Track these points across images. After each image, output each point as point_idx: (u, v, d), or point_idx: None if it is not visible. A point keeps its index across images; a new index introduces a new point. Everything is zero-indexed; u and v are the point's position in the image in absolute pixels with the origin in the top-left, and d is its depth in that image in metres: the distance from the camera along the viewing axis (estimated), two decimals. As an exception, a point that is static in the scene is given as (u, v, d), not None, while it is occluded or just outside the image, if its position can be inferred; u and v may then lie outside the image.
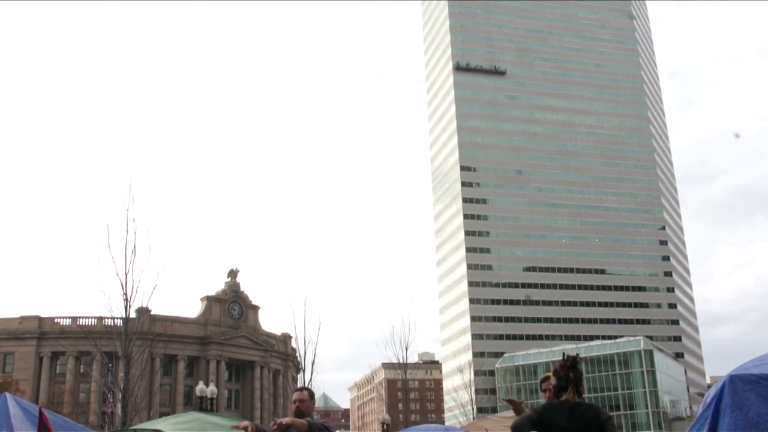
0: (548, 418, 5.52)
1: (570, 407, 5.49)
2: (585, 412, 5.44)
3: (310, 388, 8.26)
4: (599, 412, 5.48)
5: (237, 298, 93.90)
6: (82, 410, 72.46)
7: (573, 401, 5.55)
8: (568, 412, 5.44)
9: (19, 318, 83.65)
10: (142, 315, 42.29)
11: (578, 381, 5.60)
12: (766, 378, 9.26)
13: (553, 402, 5.71)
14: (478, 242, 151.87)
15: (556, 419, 5.47)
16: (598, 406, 5.61)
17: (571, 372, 5.62)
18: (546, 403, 5.84)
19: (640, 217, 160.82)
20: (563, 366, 5.67)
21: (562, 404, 5.57)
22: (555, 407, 5.59)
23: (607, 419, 5.51)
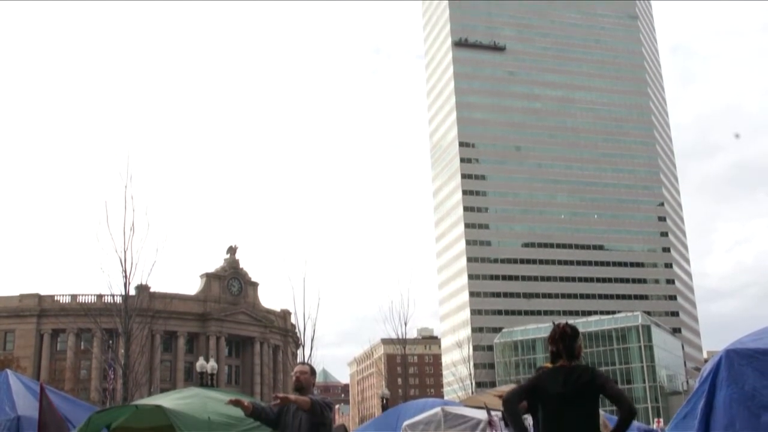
0: (542, 387, 5.50)
1: (565, 372, 5.47)
2: (580, 375, 5.42)
3: (310, 364, 8.32)
4: (595, 374, 5.44)
5: (236, 274, 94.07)
6: (83, 386, 72.84)
7: (568, 366, 5.52)
8: (563, 378, 5.42)
9: (19, 296, 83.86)
10: (142, 292, 42.34)
11: (570, 349, 5.56)
12: (762, 352, 9.33)
13: (548, 370, 5.70)
14: (477, 218, 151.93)
15: (550, 386, 5.45)
16: (593, 368, 5.56)
17: (559, 344, 5.59)
18: (540, 372, 5.82)
19: (639, 193, 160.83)
20: (552, 338, 5.66)
21: (556, 371, 5.55)
22: (549, 374, 5.57)
23: (604, 380, 5.48)
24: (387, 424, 16.26)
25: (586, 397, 5.38)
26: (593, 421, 5.43)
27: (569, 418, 5.31)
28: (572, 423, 5.29)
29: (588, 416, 5.37)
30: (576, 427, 5.27)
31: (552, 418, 5.42)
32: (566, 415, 5.32)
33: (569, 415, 5.31)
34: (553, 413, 5.42)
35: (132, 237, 32.69)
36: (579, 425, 5.29)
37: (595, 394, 5.45)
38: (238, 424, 12.53)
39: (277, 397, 7.17)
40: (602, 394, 5.51)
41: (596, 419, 5.48)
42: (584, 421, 5.34)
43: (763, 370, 9.17)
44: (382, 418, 18.54)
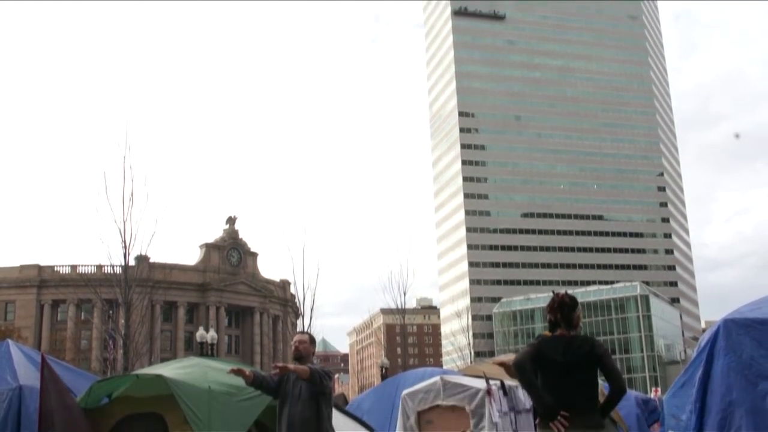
0: (544, 353, 5.56)
1: (565, 342, 5.53)
2: (580, 346, 5.48)
3: (310, 333, 8.34)
4: (594, 345, 5.51)
5: (235, 244, 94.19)
6: (84, 357, 73.17)
7: (568, 335, 5.57)
8: (563, 347, 5.47)
9: (19, 267, 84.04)
10: (141, 262, 42.36)
11: (568, 318, 5.60)
12: (760, 322, 9.36)
13: (548, 338, 5.74)
14: (476, 188, 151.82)
15: (551, 354, 5.51)
16: (593, 339, 5.63)
17: (557, 313, 5.63)
18: (542, 338, 5.86)
19: (638, 163, 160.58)
20: (550, 307, 5.70)
21: (556, 339, 5.60)
22: (550, 342, 5.61)
23: (603, 353, 5.54)
24: (386, 393, 16.34)
25: (585, 366, 5.44)
26: (592, 390, 5.50)
27: (568, 386, 5.36)
28: (571, 391, 5.34)
29: (587, 384, 5.43)
30: (575, 395, 5.33)
31: (551, 386, 5.47)
32: (566, 383, 5.38)
33: (568, 383, 5.37)
34: (552, 381, 5.48)
35: (131, 207, 32.68)
36: (578, 393, 5.34)
37: (593, 364, 5.50)
38: (238, 393, 12.59)
39: (277, 366, 7.20)
40: (598, 366, 5.56)
41: (595, 387, 5.55)
42: (583, 389, 5.40)
43: (761, 340, 9.22)
44: (382, 387, 18.64)
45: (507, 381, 11.31)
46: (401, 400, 11.55)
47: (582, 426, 5.23)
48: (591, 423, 5.29)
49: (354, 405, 17.35)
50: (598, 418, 5.38)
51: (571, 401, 5.31)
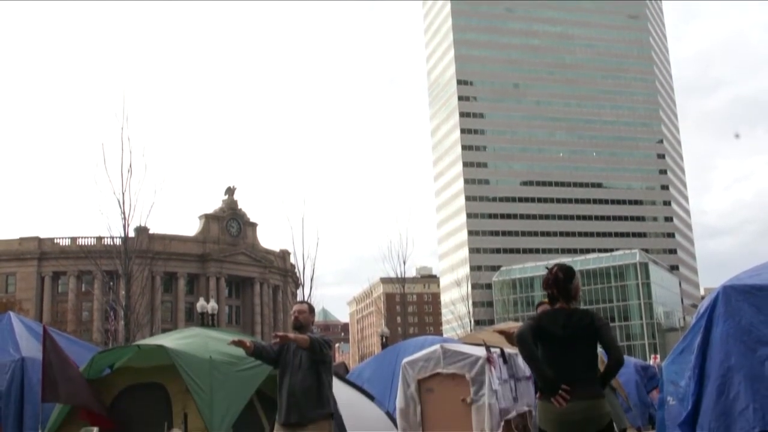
0: (544, 327, 5.58)
1: (565, 315, 5.53)
2: (580, 319, 5.49)
3: (309, 302, 8.35)
4: (594, 318, 5.51)
5: (235, 215, 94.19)
6: (86, 328, 73.49)
7: (568, 309, 5.58)
8: (563, 321, 5.49)
9: (18, 239, 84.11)
10: (141, 233, 42.41)
11: (566, 291, 5.60)
12: (759, 288, 9.38)
13: (548, 312, 5.76)
14: (475, 157, 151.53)
15: (551, 328, 5.53)
16: (592, 313, 5.62)
17: (554, 288, 5.62)
18: (542, 312, 5.88)
19: (638, 130, 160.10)
20: (546, 283, 5.69)
21: (556, 313, 5.60)
22: (550, 316, 5.63)
23: (602, 325, 5.55)
24: (386, 362, 16.42)
25: (585, 339, 5.47)
26: (592, 361, 5.53)
27: (569, 359, 5.40)
28: (571, 363, 5.37)
29: (587, 357, 5.47)
30: (575, 367, 5.36)
31: (552, 359, 5.50)
32: (566, 356, 5.41)
33: (569, 356, 5.40)
34: (553, 355, 5.51)
35: (130, 179, 32.67)
36: (578, 365, 5.38)
37: (593, 337, 5.52)
38: (239, 363, 12.65)
39: (277, 335, 7.21)
40: (597, 338, 5.57)
41: (595, 359, 5.59)
42: (583, 361, 5.44)
43: (760, 306, 9.24)
44: (382, 355, 18.73)
45: (507, 349, 11.37)
46: (401, 369, 11.61)
47: (584, 397, 5.27)
48: (592, 393, 5.33)
49: (354, 374, 17.44)
50: (598, 388, 5.42)
51: (572, 373, 5.35)
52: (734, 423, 8.94)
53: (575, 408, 5.24)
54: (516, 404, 11.57)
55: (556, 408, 5.32)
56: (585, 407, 5.25)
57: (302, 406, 7.24)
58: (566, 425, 5.30)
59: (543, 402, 5.47)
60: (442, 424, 11.13)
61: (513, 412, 11.45)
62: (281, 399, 7.41)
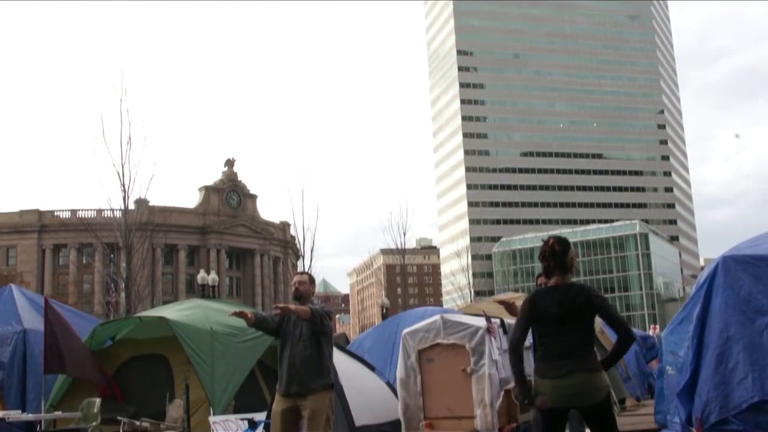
0: (539, 308, 5.51)
1: (560, 292, 5.44)
2: (576, 296, 5.39)
3: (309, 273, 8.35)
4: (591, 296, 5.41)
5: (235, 187, 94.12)
6: (87, 300, 73.69)
7: (563, 284, 5.49)
8: (559, 298, 5.41)
9: (19, 212, 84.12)
10: (141, 206, 42.44)
11: (562, 264, 5.52)
12: (758, 258, 9.40)
13: (543, 289, 5.68)
14: (475, 127, 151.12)
15: (546, 307, 5.46)
16: (589, 288, 5.50)
17: (550, 261, 5.52)
18: (536, 291, 5.79)
19: (638, 100, 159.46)
20: (542, 256, 5.57)
21: (551, 290, 5.51)
22: (545, 294, 5.54)
23: (601, 303, 5.45)
24: (387, 333, 16.48)
25: (581, 317, 5.39)
26: (588, 336, 5.47)
27: (564, 336, 5.34)
28: (568, 340, 5.32)
29: (583, 333, 5.39)
30: (572, 343, 5.31)
31: (548, 337, 5.46)
32: (562, 334, 5.35)
33: (564, 333, 5.34)
34: (547, 332, 5.45)
35: (129, 151, 32.66)
36: (574, 341, 5.32)
37: (590, 314, 5.45)
38: (240, 334, 12.71)
39: (278, 307, 7.23)
40: (599, 316, 5.50)
41: (591, 334, 5.52)
42: (579, 337, 5.37)
43: (759, 276, 9.27)
44: (382, 326, 18.80)
45: (507, 319, 11.40)
46: (402, 339, 11.65)
47: (583, 370, 5.23)
48: (589, 367, 5.28)
49: (355, 344, 17.53)
50: (595, 361, 5.38)
51: (569, 349, 5.30)
52: (733, 392, 8.99)
53: (572, 381, 5.21)
54: (516, 374, 11.61)
55: (552, 382, 5.31)
56: (582, 381, 5.22)
57: (303, 377, 7.27)
58: (563, 399, 5.29)
59: (538, 376, 5.46)
60: (442, 393, 11.19)
61: (513, 382, 11.51)
62: (282, 369, 7.45)
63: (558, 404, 5.31)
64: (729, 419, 8.91)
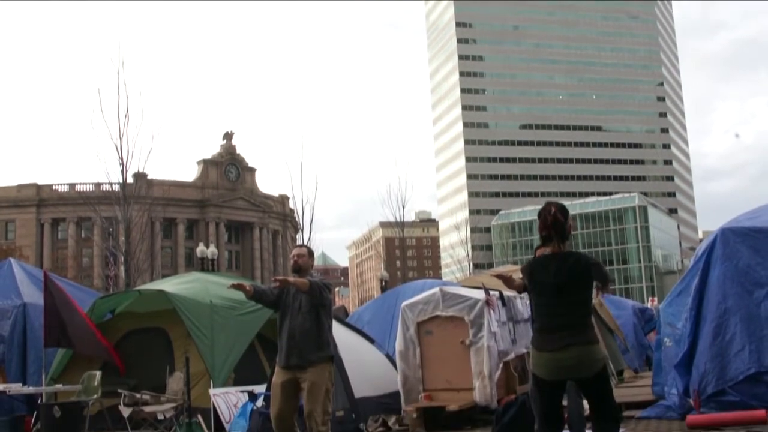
0: (536, 277, 5.49)
1: (557, 261, 5.39)
2: (573, 265, 5.35)
3: (308, 246, 8.35)
4: (589, 264, 5.40)
5: (233, 160, 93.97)
6: (86, 274, 73.79)
7: (560, 253, 5.44)
8: (555, 267, 5.36)
9: (17, 186, 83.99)
10: (140, 179, 42.35)
11: (562, 232, 5.49)
12: (757, 230, 9.42)
13: (540, 257, 5.64)
14: (474, 100, 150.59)
15: (542, 276, 5.43)
16: (586, 257, 5.47)
17: (551, 230, 5.47)
18: (533, 259, 5.75)
19: (638, 72, 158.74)
20: (543, 225, 5.49)
21: (547, 259, 5.47)
22: (541, 263, 5.50)
23: (598, 270, 5.45)
24: (386, 305, 16.54)
25: (580, 285, 5.37)
26: (585, 308, 5.44)
27: (561, 306, 5.30)
28: (564, 310, 5.29)
29: (580, 303, 5.36)
30: (569, 314, 5.29)
31: (545, 306, 5.44)
32: (558, 304, 5.31)
33: (561, 303, 5.30)
34: (545, 302, 5.42)
35: (127, 124, 32.59)
36: (571, 312, 5.30)
37: (588, 284, 5.43)
38: (239, 307, 12.75)
39: (277, 279, 7.24)
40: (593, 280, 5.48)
41: (588, 305, 5.49)
42: (576, 308, 5.34)
43: (758, 248, 9.29)
44: (382, 299, 18.86)
45: (505, 292, 11.43)
46: (401, 312, 11.69)
47: (580, 342, 5.22)
48: (586, 339, 5.27)
49: (354, 317, 17.60)
50: (592, 333, 5.37)
51: (566, 322, 5.28)
52: (729, 364, 9.04)
53: (569, 354, 5.20)
54: (514, 346, 11.68)
55: (549, 354, 5.30)
56: (578, 353, 5.21)
57: (302, 349, 7.29)
58: (560, 370, 5.28)
59: (535, 349, 5.45)
60: (441, 366, 11.25)
61: (511, 354, 11.56)
62: (281, 342, 7.47)
63: (555, 377, 5.31)
64: (726, 390, 8.97)
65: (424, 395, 11.19)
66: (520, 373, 11.52)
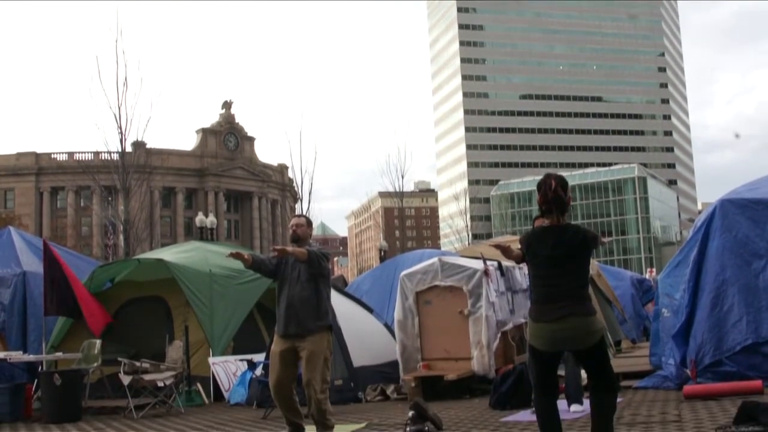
0: (533, 249, 5.47)
1: (555, 234, 5.37)
2: (572, 237, 5.33)
3: (307, 216, 8.36)
4: (586, 237, 5.38)
5: (232, 129, 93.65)
6: (86, 243, 73.77)
7: (558, 225, 5.41)
8: (553, 239, 5.34)
9: (15, 154, 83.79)
10: (138, 148, 42.30)
11: (562, 205, 5.47)
12: (756, 202, 9.41)
13: (538, 229, 5.62)
14: (474, 70, 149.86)
15: (540, 248, 5.40)
16: (584, 229, 5.46)
17: (552, 204, 5.44)
18: (532, 231, 5.73)
19: (639, 43, 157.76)
20: (544, 198, 5.47)
21: (545, 231, 5.45)
22: (539, 235, 5.49)
23: (595, 244, 5.45)
24: (385, 275, 16.60)
25: (576, 258, 5.36)
26: (583, 279, 5.44)
27: (559, 277, 5.29)
28: (562, 282, 5.28)
29: (578, 275, 5.35)
30: (567, 286, 5.28)
31: (541, 279, 5.43)
32: (557, 275, 5.30)
33: (559, 275, 5.29)
34: (542, 274, 5.41)
35: (125, 92, 32.57)
36: (569, 283, 5.29)
37: (586, 255, 5.42)
38: (238, 276, 12.80)
39: (275, 249, 7.24)
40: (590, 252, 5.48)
41: (586, 278, 5.48)
42: (574, 279, 5.33)
43: (757, 219, 9.28)
44: (380, 269, 18.92)
45: (504, 262, 11.45)
46: (400, 281, 11.72)
47: (578, 314, 5.21)
48: (583, 310, 5.26)
49: (353, 286, 17.67)
50: (590, 305, 5.37)
51: (563, 293, 5.27)
52: (727, 334, 9.08)
53: (566, 325, 5.19)
54: (513, 316, 11.72)
55: (546, 325, 5.30)
56: (576, 325, 5.20)
57: (301, 318, 7.31)
58: (557, 342, 5.29)
59: (532, 320, 5.45)
60: (439, 335, 11.30)
61: (510, 324, 11.61)
62: (280, 311, 7.49)
63: (552, 348, 5.32)
64: (723, 361, 9.01)
65: (422, 364, 11.25)
66: (518, 343, 11.58)
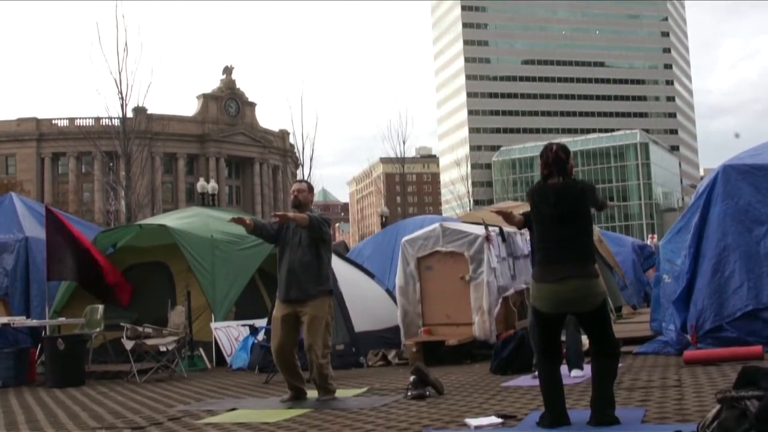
0: (537, 206, 5.48)
1: (556, 192, 5.38)
2: (570, 193, 5.35)
3: (308, 181, 8.36)
4: (585, 189, 5.40)
5: (233, 95, 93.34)
6: (87, 209, 73.87)
7: (559, 183, 5.41)
8: (555, 197, 5.35)
9: (16, 120, 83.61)
10: (139, 114, 42.15)
11: (563, 170, 5.47)
12: (759, 167, 9.38)
13: (539, 188, 5.55)
14: (476, 35, 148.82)
15: (543, 206, 5.42)
16: (582, 183, 5.50)
17: (553, 168, 5.42)
18: (536, 186, 5.68)
19: (642, 7, 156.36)
20: (545, 163, 5.45)
21: (547, 189, 5.44)
22: (542, 192, 5.48)
23: (592, 194, 5.44)
24: (386, 241, 16.63)
25: (578, 212, 5.36)
26: (587, 239, 5.44)
27: (563, 235, 5.30)
28: (566, 240, 5.29)
29: (581, 234, 5.35)
30: (568, 249, 5.28)
31: (544, 240, 5.44)
32: (560, 233, 5.31)
33: (562, 233, 5.30)
34: (547, 230, 5.41)
35: (126, 58, 32.42)
36: (571, 243, 5.30)
37: (585, 206, 5.41)
38: (239, 241, 12.82)
39: (276, 215, 7.25)
40: (589, 203, 5.45)
41: (590, 236, 5.49)
42: (578, 237, 5.33)
43: (759, 185, 9.26)
44: (382, 234, 18.95)
45: (505, 228, 11.45)
46: (401, 247, 11.73)
47: (580, 275, 5.22)
48: (586, 272, 5.27)
49: (355, 252, 17.70)
50: (592, 267, 5.37)
51: (566, 254, 5.27)
52: (728, 300, 9.10)
53: (569, 286, 5.20)
54: (514, 282, 11.75)
55: (548, 286, 5.31)
56: (578, 286, 5.21)
57: (302, 283, 7.34)
58: (559, 303, 5.30)
59: (535, 281, 5.46)
60: (440, 301, 11.33)
61: (511, 290, 11.64)
62: (281, 276, 7.52)
63: (554, 309, 5.34)
64: (723, 326, 9.04)
65: (423, 330, 11.30)
66: (519, 309, 11.61)
